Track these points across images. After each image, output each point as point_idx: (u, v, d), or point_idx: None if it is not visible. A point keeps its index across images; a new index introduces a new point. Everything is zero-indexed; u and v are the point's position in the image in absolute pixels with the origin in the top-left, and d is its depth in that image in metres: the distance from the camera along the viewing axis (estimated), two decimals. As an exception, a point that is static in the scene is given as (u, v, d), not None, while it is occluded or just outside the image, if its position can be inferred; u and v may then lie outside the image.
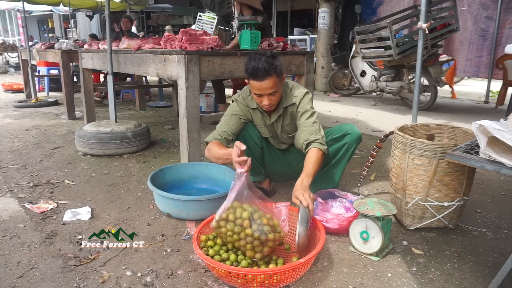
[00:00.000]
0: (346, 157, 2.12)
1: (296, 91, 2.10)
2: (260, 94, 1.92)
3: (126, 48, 3.30)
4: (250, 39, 2.80)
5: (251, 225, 1.50)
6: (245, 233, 1.50)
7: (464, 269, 1.62)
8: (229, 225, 1.52)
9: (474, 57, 5.88)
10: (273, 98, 1.94)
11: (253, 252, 1.54)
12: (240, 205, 1.56)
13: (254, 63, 1.83)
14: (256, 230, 1.49)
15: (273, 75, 1.85)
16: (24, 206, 2.22)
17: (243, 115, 2.13)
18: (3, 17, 20.05)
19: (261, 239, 1.49)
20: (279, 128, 2.16)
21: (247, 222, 1.51)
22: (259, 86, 1.87)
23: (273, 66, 1.84)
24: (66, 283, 1.51)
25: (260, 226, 1.51)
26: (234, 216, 1.54)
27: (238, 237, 1.52)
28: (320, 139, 1.94)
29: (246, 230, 1.50)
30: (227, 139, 2.05)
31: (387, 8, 6.97)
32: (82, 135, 3.24)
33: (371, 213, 1.66)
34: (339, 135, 2.10)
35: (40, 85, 7.55)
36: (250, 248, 1.52)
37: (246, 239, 1.50)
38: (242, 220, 1.52)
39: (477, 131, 1.27)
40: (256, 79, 1.86)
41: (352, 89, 7.18)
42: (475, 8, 5.75)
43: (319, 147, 1.91)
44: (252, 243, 1.51)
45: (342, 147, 2.09)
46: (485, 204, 2.29)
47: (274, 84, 1.87)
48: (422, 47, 3.06)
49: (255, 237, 1.49)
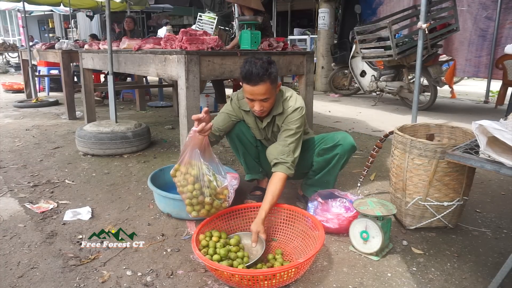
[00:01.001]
0: (338, 167, 2.09)
1: (289, 103, 1.98)
2: (252, 99, 1.87)
3: (126, 48, 3.30)
4: (250, 39, 2.79)
5: (194, 183, 1.67)
6: (186, 188, 1.68)
7: (464, 269, 1.62)
8: (180, 176, 1.70)
9: (474, 57, 5.88)
10: (265, 104, 1.88)
11: (191, 209, 1.72)
12: (198, 163, 1.69)
13: (249, 67, 1.79)
14: (197, 189, 1.67)
15: (267, 81, 1.79)
16: (25, 206, 2.23)
17: (234, 115, 2.12)
18: (3, 17, 20.06)
19: (198, 199, 1.68)
20: (269, 133, 2.12)
21: (191, 179, 1.68)
22: (251, 90, 1.82)
23: (268, 72, 1.78)
24: (66, 283, 1.52)
25: (203, 188, 1.67)
26: (186, 170, 1.69)
27: (182, 190, 1.69)
28: (289, 163, 1.87)
29: (188, 186, 1.68)
30: (214, 134, 2.05)
31: (387, 8, 6.97)
32: (83, 135, 3.24)
33: (371, 213, 1.66)
34: (330, 145, 2.05)
35: (40, 85, 7.55)
36: (189, 203, 1.71)
37: (186, 194, 1.68)
38: (189, 176, 1.68)
39: (477, 131, 1.27)
40: (249, 83, 1.80)
41: (352, 89, 7.18)
42: (475, 8, 5.75)
43: (285, 171, 1.87)
44: (191, 199, 1.69)
45: (333, 158, 2.05)
46: (485, 204, 2.29)
47: (266, 90, 1.81)
48: (422, 47, 3.06)
49: (194, 194, 1.67)
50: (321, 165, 2.11)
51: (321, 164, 2.11)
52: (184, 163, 1.71)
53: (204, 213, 1.73)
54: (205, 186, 1.68)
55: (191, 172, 1.68)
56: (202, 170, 1.68)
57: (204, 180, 1.68)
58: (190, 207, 1.72)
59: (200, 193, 1.68)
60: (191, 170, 1.69)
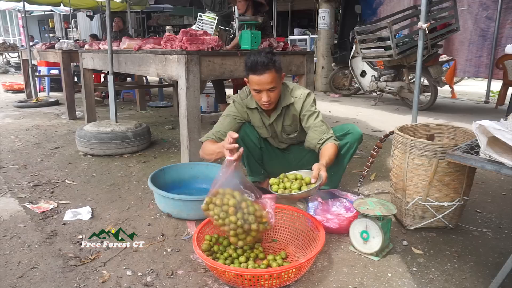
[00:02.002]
0: (347, 156, 2.12)
1: (298, 92, 2.09)
2: (259, 90, 1.92)
3: (126, 48, 3.30)
4: (250, 39, 2.80)
5: (236, 213, 1.56)
6: (229, 220, 1.55)
7: (465, 269, 1.62)
8: (216, 209, 1.58)
9: (474, 57, 5.88)
10: (271, 94, 1.93)
11: (236, 239, 1.60)
12: (230, 192, 1.60)
13: (254, 58, 1.86)
14: (240, 219, 1.55)
15: (273, 70, 1.87)
16: (25, 206, 2.22)
17: (239, 116, 2.14)
18: (3, 17, 20.07)
19: (244, 228, 1.55)
20: (279, 127, 2.16)
21: (232, 209, 1.56)
22: (258, 80, 1.87)
23: (273, 60, 1.86)
24: (67, 283, 1.52)
25: (245, 215, 1.56)
26: (221, 201, 1.58)
27: (223, 223, 1.57)
28: (333, 136, 2.00)
29: (230, 217, 1.55)
30: (221, 139, 2.05)
31: (387, 8, 6.97)
32: (83, 135, 3.24)
33: (371, 213, 1.66)
34: (340, 134, 2.11)
35: (40, 85, 7.55)
36: (234, 234, 1.59)
37: (229, 225, 1.56)
38: (228, 207, 1.57)
39: (477, 131, 1.27)
40: (255, 73, 1.86)
41: (352, 89, 7.18)
42: (475, 8, 5.75)
43: (334, 142, 1.96)
44: (236, 230, 1.56)
45: (343, 146, 2.09)
46: (485, 204, 2.29)
47: (273, 79, 1.88)
48: (422, 47, 3.06)
49: (238, 225, 1.55)
50: None
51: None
52: (217, 195, 1.60)
53: (251, 241, 1.62)
54: (247, 213, 1.57)
55: (229, 202, 1.57)
56: (240, 197, 1.58)
57: (243, 207, 1.57)
58: (235, 237, 1.60)
59: (244, 222, 1.55)
60: (227, 200, 1.57)
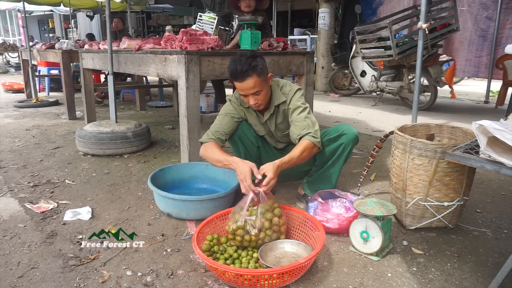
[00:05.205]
0: (342, 157, 2.11)
1: (287, 88, 2.09)
2: (244, 95, 1.96)
3: (126, 48, 3.30)
4: (250, 39, 2.79)
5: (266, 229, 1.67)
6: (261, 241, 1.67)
7: (464, 269, 1.62)
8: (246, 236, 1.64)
9: (474, 57, 5.87)
10: (258, 97, 1.95)
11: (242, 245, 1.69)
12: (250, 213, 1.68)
13: (233, 65, 1.88)
14: (269, 235, 1.67)
15: (253, 75, 1.86)
16: (25, 206, 2.23)
17: (237, 114, 2.14)
18: (3, 17, 20.05)
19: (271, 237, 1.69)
20: (272, 126, 2.17)
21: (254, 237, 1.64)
22: (240, 86, 1.91)
23: (251, 66, 1.85)
24: (67, 283, 1.52)
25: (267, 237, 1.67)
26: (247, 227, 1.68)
27: (249, 244, 1.66)
28: (313, 133, 1.93)
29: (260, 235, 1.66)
30: (221, 139, 2.06)
31: (387, 8, 6.97)
32: (83, 135, 3.24)
33: (371, 213, 1.66)
34: (335, 135, 2.08)
35: (40, 85, 7.55)
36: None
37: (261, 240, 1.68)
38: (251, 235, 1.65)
39: (477, 131, 1.27)
40: (237, 80, 1.89)
41: (352, 89, 7.18)
42: (475, 8, 5.75)
43: (310, 139, 1.91)
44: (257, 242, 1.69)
45: (338, 147, 2.07)
46: (485, 204, 2.29)
47: (255, 83, 1.88)
48: (422, 47, 3.06)
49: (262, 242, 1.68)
50: (325, 157, 2.12)
51: (325, 156, 2.11)
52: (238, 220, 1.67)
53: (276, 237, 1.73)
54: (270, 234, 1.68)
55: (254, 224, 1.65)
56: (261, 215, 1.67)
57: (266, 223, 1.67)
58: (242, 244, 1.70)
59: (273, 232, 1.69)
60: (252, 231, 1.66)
